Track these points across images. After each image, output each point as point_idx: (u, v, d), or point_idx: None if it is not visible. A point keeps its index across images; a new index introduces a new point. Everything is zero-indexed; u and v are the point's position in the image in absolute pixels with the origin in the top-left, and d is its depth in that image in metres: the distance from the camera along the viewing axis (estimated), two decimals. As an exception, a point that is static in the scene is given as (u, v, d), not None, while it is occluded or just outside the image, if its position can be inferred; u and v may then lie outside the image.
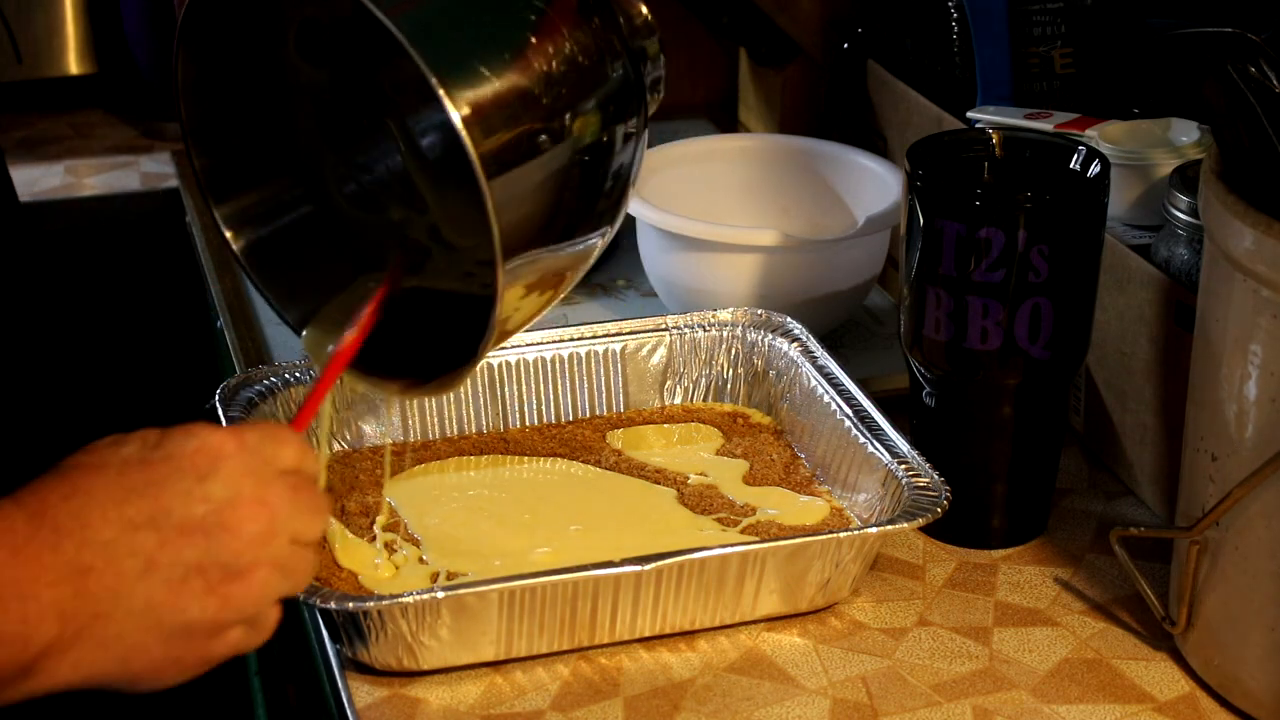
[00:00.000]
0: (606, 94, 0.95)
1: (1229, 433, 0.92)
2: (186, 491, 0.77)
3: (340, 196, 1.04)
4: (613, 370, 1.19)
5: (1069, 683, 0.99)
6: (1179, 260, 1.10)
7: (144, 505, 0.76)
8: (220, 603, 0.78)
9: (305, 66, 1.01)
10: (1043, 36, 1.35)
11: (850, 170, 1.37)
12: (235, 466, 0.79)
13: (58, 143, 1.78)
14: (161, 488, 0.77)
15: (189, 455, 0.78)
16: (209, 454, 0.78)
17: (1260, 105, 0.90)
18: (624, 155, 0.96)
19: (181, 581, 0.76)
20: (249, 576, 0.78)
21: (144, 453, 0.78)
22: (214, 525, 0.77)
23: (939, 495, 1.02)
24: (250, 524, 0.78)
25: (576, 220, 0.95)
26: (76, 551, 0.73)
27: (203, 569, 0.77)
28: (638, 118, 0.97)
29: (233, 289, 1.43)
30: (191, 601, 0.77)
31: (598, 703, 0.97)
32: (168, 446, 0.78)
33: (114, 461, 0.77)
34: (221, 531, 0.77)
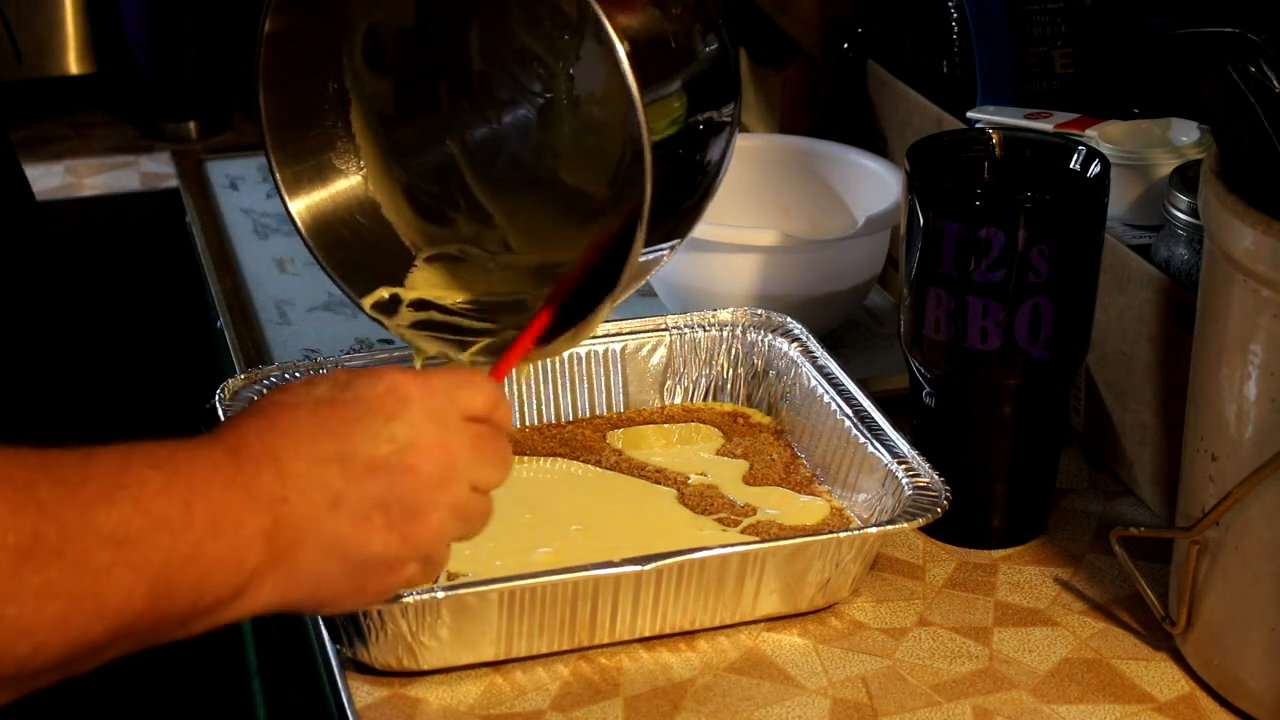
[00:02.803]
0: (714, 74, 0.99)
1: (1229, 433, 0.92)
2: (374, 432, 0.81)
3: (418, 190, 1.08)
4: (613, 370, 1.19)
5: (1069, 683, 0.99)
6: (1179, 260, 1.10)
7: (332, 443, 0.80)
8: (400, 540, 0.82)
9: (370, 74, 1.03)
10: (1043, 36, 1.35)
11: (850, 170, 1.37)
12: (420, 410, 0.83)
13: (58, 143, 1.78)
14: (350, 426, 0.81)
15: (377, 397, 0.82)
16: (396, 396, 0.83)
17: (1260, 105, 0.90)
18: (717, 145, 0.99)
19: (365, 517, 0.81)
20: (427, 517, 0.83)
21: (334, 392, 0.82)
22: (396, 465, 0.82)
23: (939, 495, 1.02)
24: (429, 466, 0.83)
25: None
26: (274, 483, 0.78)
27: (385, 506, 0.81)
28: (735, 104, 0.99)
29: (233, 289, 1.43)
30: (374, 536, 0.81)
31: (598, 703, 0.97)
32: (357, 387, 0.83)
33: (306, 401, 0.81)
34: (403, 472, 0.82)
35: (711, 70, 1.00)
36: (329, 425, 0.81)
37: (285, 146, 1.02)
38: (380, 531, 0.81)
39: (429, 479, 0.83)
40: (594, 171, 1.07)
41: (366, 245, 1.05)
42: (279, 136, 1.02)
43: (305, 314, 1.38)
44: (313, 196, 1.04)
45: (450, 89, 1.08)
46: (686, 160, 0.97)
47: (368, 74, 1.05)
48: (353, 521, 0.81)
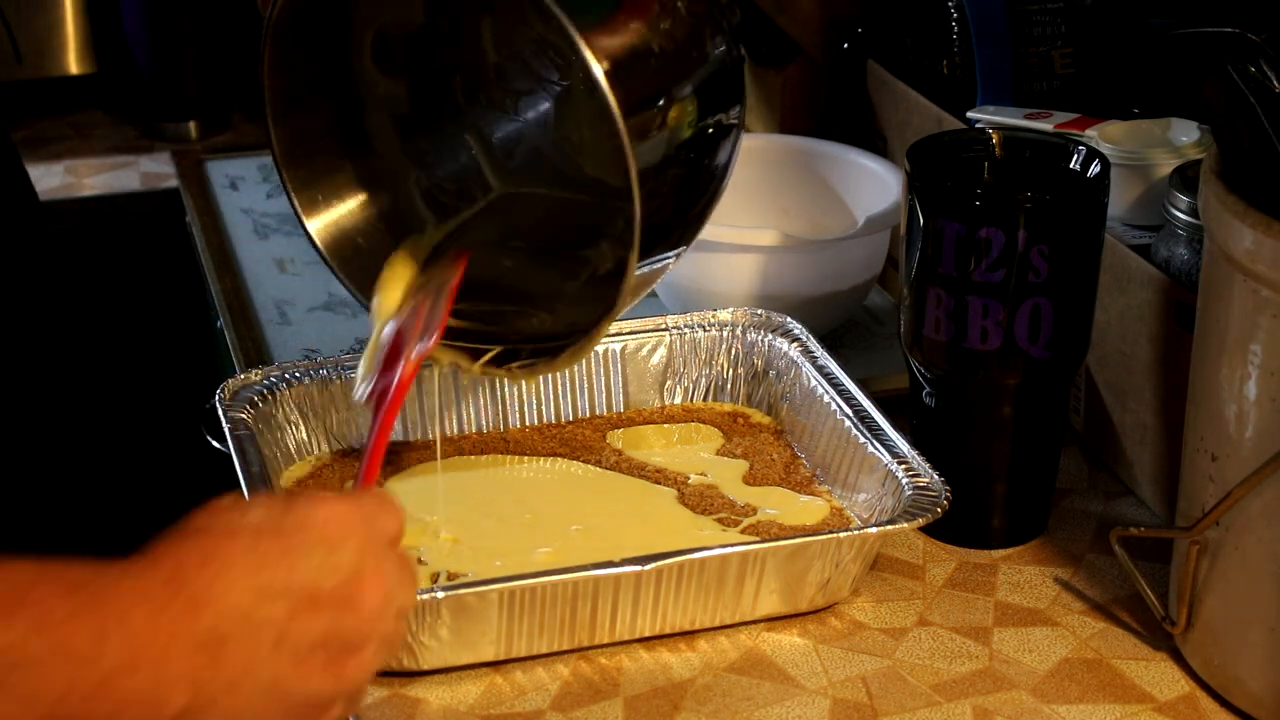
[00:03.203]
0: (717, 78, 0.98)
1: (1229, 433, 0.92)
2: (319, 563, 0.75)
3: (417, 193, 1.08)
4: (613, 370, 1.19)
5: (1069, 683, 0.99)
6: (1179, 260, 1.10)
7: (279, 574, 0.74)
8: (334, 678, 0.76)
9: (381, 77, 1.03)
10: (1043, 36, 1.35)
11: (850, 170, 1.37)
12: (360, 539, 0.77)
13: (58, 143, 1.78)
14: (296, 557, 0.75)
15: (319, 525, 0.76)
16: (339, 524, 0.77)
17: (1260, 105, 0.90)
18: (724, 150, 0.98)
19: (308, 655, 0.75)
20: (362, 651, 0.77)
21: (275, 519, 0.76)
22: (340, 599, 0.76)
23: (939, 495, 1.02)
24: (371, 598, 0.77)
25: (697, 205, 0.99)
26: (215, 622, 0.71)
27: (326, 643, 0.76)
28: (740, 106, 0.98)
29: (233, 289, 1.43)
30: (313, 675, 0.75)
31: (598, 703, 0.97)
32: (297, 515, 0.77)
33: (246, 527, 0.75)
34: (345, 606, 0.76)
35: (717, 75, 1.00)
36: (273, 555, 0.74)
37: (298, 167, 1.02)
38: (318, 671, 0.75)
39: (369, 612, 0.77)
40: (613, 162, 1.07)
41: (383, 253, 1.04)
42: (291, 156, 1.02)
43: (305, 314, 1.38)
44: (329, 214, 1.04)
45: (466, 84, 1.08)
46: (693, 166, 0.97)
47: (379, 76, 1.05)
48: (293, 661, 0.74)
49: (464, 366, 1.05)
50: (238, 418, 1.08)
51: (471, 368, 1.05)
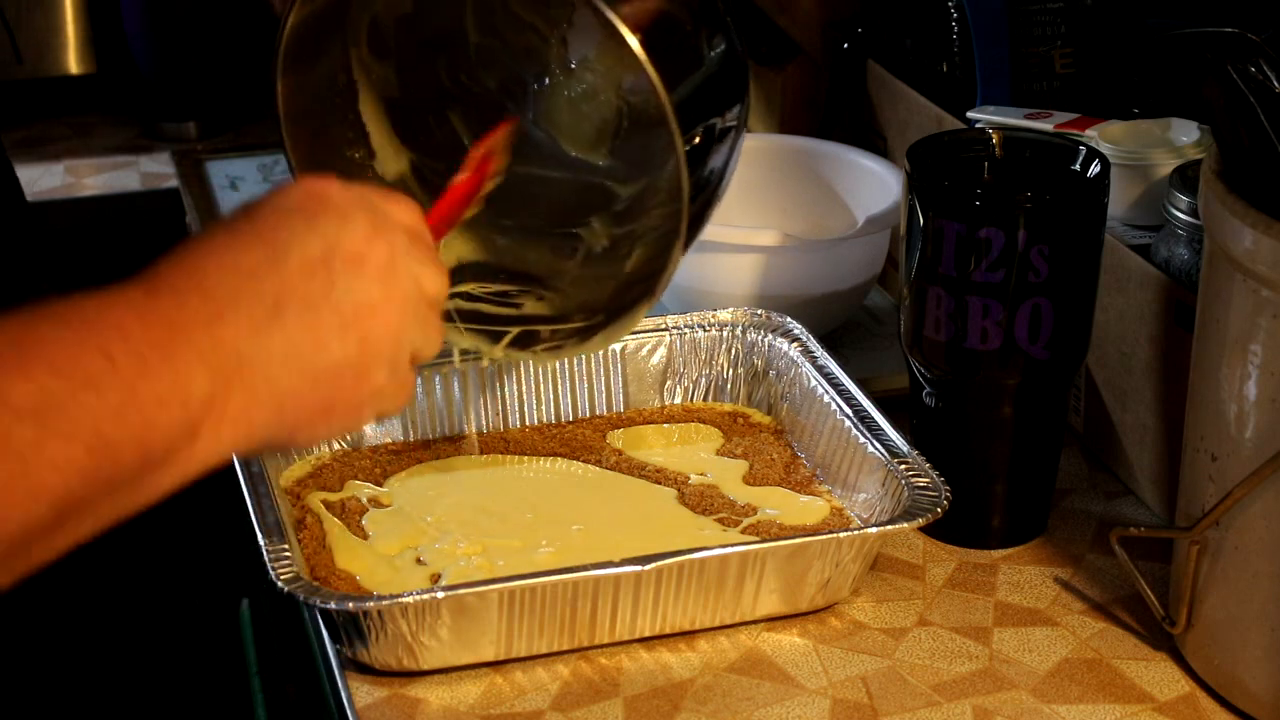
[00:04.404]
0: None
1: (1229, 433, 0.92)
2: (299, 232, 0.76)
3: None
4: (613, 370, 1.19)
5: (1069, 683, 0.99)
6: (1179, 260, 1.10)
7: (257, 252, 0.74)
8: (359, 339, 0.76)
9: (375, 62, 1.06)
10: (1043, 36, 1.35)
11: (850, 170, 1.37)
12: (344, 203, 0.78)
13: (58, 143, 1.78)
14: (274, 233, 0.75)
15: (296, 202, 0.77)
16: (316, 197, 0.77)
17: (1260, 105, 0.90)
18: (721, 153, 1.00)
19: (315, 319, 0.75)
20: (381, 311, 0.77)
21: (249, 211, 0.77)
22: (335, 259, 0.76)
23: (939, 495, 1.02)
24: (372, 255, 0.77)
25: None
26: (201, 304, 0.72)
27: (334, 304, 0.75)
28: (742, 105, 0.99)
29: (233, 289, 1.42)
30: (330, 337, 0.76)
31: (598, 703, 0.97)
32: (272, 200, 0.77)
33: (220, 227, 0.76)
34: (343, 264, 0.76)
35: (721, 74, 1.00)
36: (248, 240, 0.75)
37: (302, 145, 1.03)
38: (335, 332, 0.76)
39: (374, 269, 0.77)
40: (592, 140, 1.08)
41: None
42: (296, 135, 1.03)
43: (305, 314, 1.38)
44: None
45: (449, 64, 1.09)
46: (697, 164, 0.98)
47: (373, 60, 1.06)
48: (302, 326, 0.74)
49: (485, 349, 1.06)
50: (238, 418, 1.08)
51: (493, 350, 1.06)
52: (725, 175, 1.02)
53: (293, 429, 0.76)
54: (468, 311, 1.06)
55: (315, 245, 0.75)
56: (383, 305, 0.77)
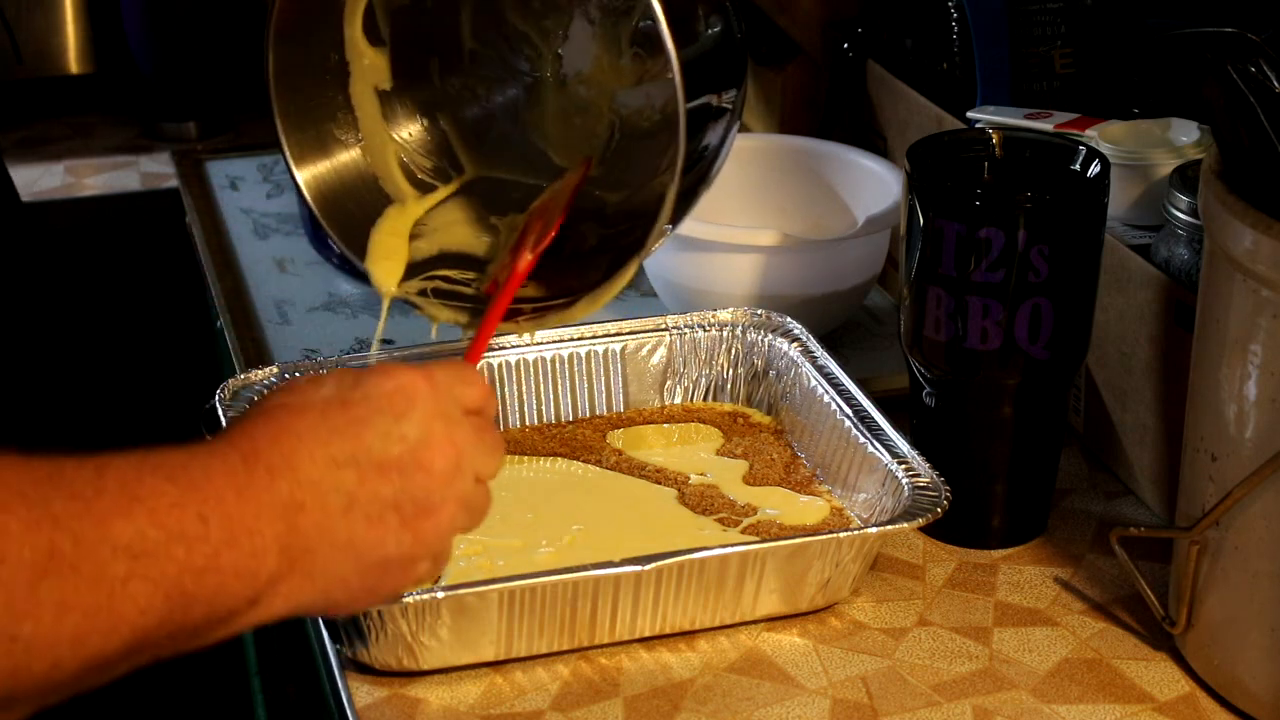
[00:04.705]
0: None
1: (1229, 433, 0.92)
2: (385, 431, 0.81)
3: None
4: (613, 370, 1.19)
5: (1069, 683, 0.99)
6: (1179, 260, 1.10)
7: (346, 444, 0.80)
8: (413, 538, 0.82)
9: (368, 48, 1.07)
10: (1043, 36, 1.35)
11: (850, 170, 1.37)
12: (428, 407, 0.83)
13: (58, 143, 1.78)
14: (362, 427, 0.81)
15: (386, 395, 0.82)
16: (405, 395, 0.82)
17: (1260, 105, 0.90)
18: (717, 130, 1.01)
19: (379, 518, 0.81)
20: (438, 512, 0.83)
21: (342, 392, 0.82)
22: (409, 464, 0.82)
23: (939, 495, 1.02)
24: (440, 462, 0.83)
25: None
26: (290, 490, 0.78)
27: (398, 505, 0.81)
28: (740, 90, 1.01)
29: (233, 289, 1.43)
30: (388, 536, 0.81)
31: (598, 703, 0.97)
32: (365, 386, 0.82)
33: (316, 402, 0.81)
34: (415, 469, 0.82)
35: (717, 54, 1.01)
36: (340, 427, 0.81)
37: (291, 116, 1.04)
38: (394, 531, 0.81)
39: (440, 475, 0.83)
40: (583, 152, 1.08)
41: (369, 215, 1.07)
42: (285, 105, 1.03)
43: (305, 314, 1.38)
44: (318, 167, 1.07)
45: (442, 66, 1.10)
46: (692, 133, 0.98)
47: (366, 47, 1.06)
48: (367, 523, 0.80)
49: (463, 323, 1.06)
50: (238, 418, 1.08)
51: (472, 324, 1.06)
52: (719, 157, 1.02)
53: (334, 605, 0.82)
54: (447, 291, 1.06)
55: (395, 447, 0.81)
56: (440, 507, 0.83)
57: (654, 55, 1.05)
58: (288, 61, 1.04)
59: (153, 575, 0.72)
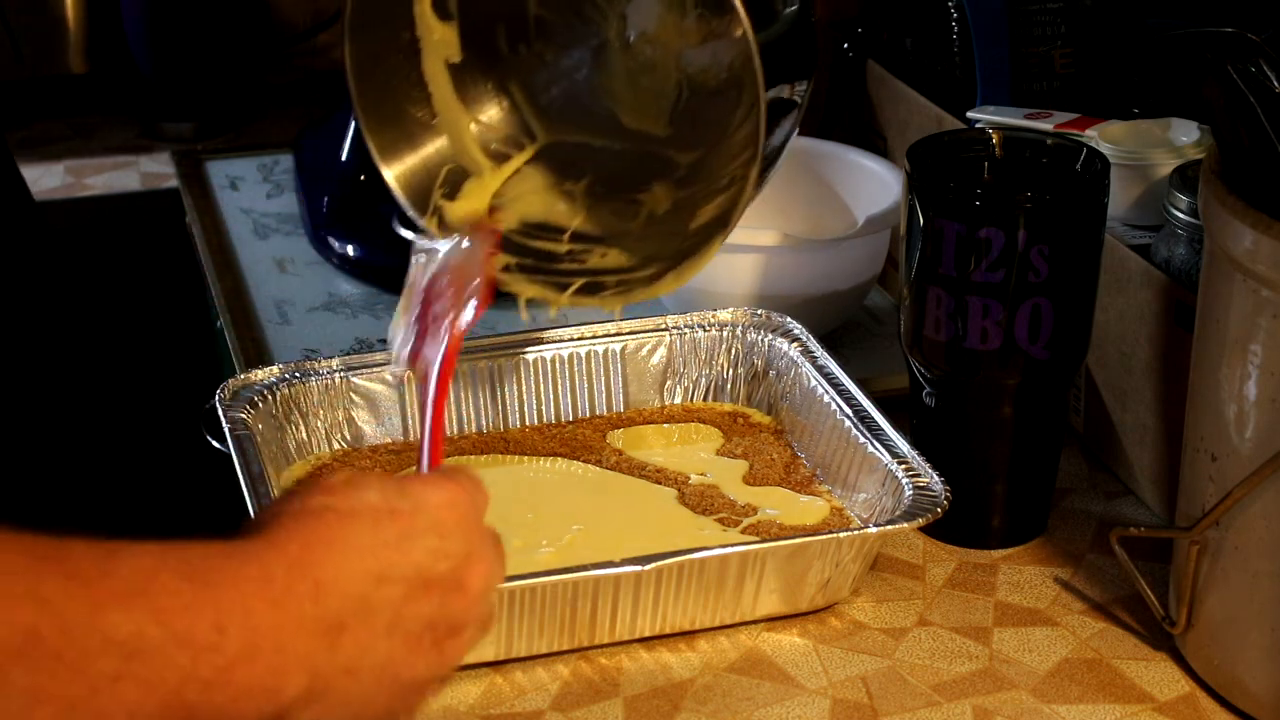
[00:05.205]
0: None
1: (1229, 433, 0.92)
2: (433, 548, 0.76)
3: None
4: (613, 370, 1.19)
5: (1069, 683, 0.99)
6: (1179, 260, 1.10)
7: (395, 558, 0.74)
8: (440, 658, 0.77)
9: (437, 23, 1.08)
10: (1043, 36, 1.35)
11: (850, 170, 1.37)
12: (468, 524, 0.78)
13: (58, 143, 1.78)
14: (412, 542, 0.75)
15: (434, 509, 0.77)
16: (450, 509, 0.77)
17: (1260, 105, 0.90)
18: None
19: (418, 638, 0.75)
20: (463, 633, 0.78)
21: (390, 501, 0.76)
22: (450, 583, 0.76)
23: (939, 495, 1.02)
24: (478, 581, 0.78)
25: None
26: (338, 605, 0.71)
27: (434, 625, 0.76)
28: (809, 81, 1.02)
29: (233, 289, 1.43)
30: (420, 658, 0.76)
31: (598, 703, 0.97)
32: (413, 498, 0.77)
33: (364, 510, 0.75)
34: (455, 589, 0.77)
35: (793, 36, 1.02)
36: (392, 541, 0.75)
37: (370, 104, 1.06)
38: (425, 653, 0.76)
39: (475, 594, 0.78)
40: (652, 112, 1.09)
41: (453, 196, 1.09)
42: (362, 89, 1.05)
43: (305, 314, 1.38)
44: (404, 160, 1.08)
45: (509, 34, 1.11)
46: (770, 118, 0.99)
47: (435, 22, 1.07)
48: (405, 644, 0.75)
49: (551, 298, 1.07)
50: (238, 418, 1.08)
51: (559, 298, 1.07)
52: (785, 147, 1.03)
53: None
54: (532, 267, 1.07)
55: (442, 565, 0.76)
56: (466, 626, 0.78)
57: (719, 14, 1.05)
58: (364, 52, 1.04)
59: (148, 679, 0.65)
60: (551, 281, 1.07)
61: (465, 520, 0.78)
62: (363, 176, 1.47)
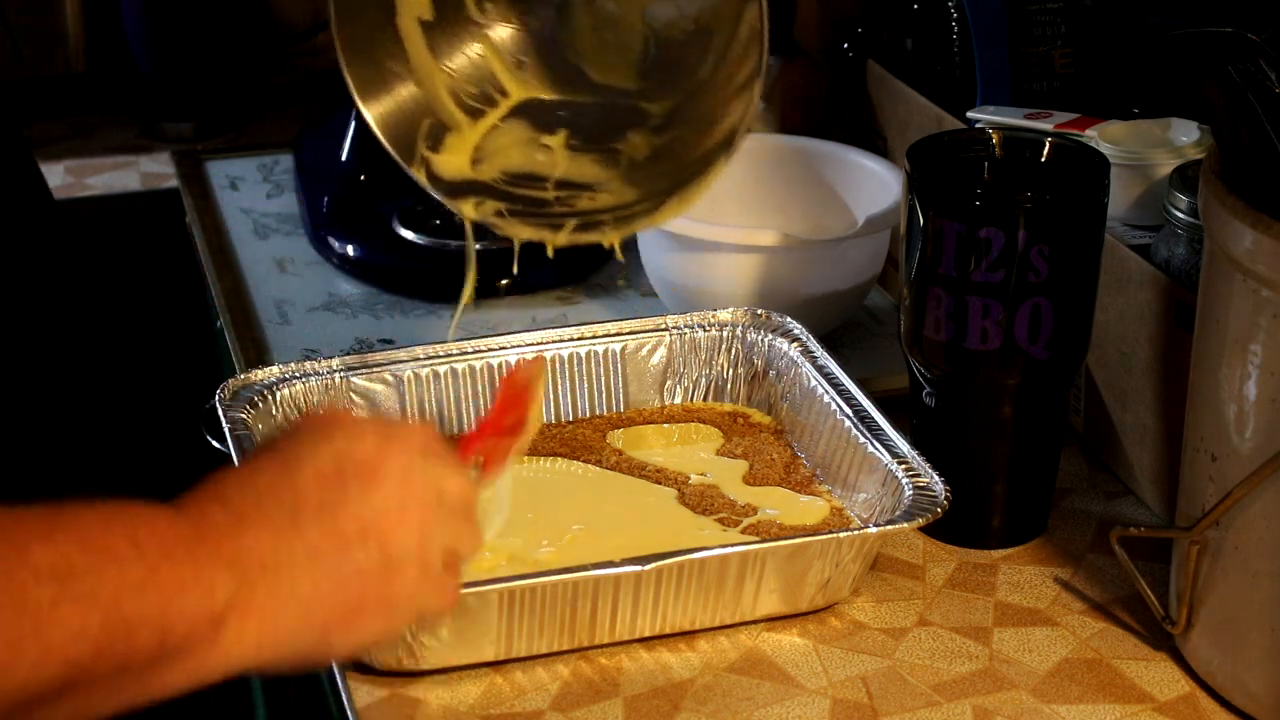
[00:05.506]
0: None
1: (1229, 433, 0.92)
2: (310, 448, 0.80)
3: None
4: (613, 370, 1.19)
5: (1069, 683, 0.99)
6: (1179, 260, 1.10)
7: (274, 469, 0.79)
8: (379, 542, 0.79)
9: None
10: (1043, 36, 1.35)
11: (850, 170, 1.37)
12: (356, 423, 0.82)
13: (58, 143, 1.78)
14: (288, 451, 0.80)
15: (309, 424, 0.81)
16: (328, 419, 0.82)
17: (1260, 105, 0.90)
18: None
19: (332, 524, 0.78)
20: (399, 517, 0.80)
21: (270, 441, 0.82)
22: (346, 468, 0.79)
23: (939, 495, 1.02)
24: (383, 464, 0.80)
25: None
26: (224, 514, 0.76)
27: (351, 511, 0.79)
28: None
29: (233, 289, 1.43)
30: (350, 541, 0.78)
31: (598, 703, 0.97)
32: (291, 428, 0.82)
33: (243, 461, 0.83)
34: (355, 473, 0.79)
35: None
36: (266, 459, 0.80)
37: (350, 51, 1.06)
38: (355, 537, 0.78)
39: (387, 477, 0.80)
40: (620, 67, 1.10)
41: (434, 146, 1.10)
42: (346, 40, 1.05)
43: (305, 314, 1.38)
44: (381, 103, 1.08)
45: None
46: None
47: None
48: (320, 531, 0.77)
49: (547, 238, 1.07)
50: (238, 418, 1.08)
51: (556, 237, 1.08)
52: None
53: (323, 631, 0.78)
54: (523, 211, 1.08)
55: (326, 458, 0.79)
56: (399, 511, 0.80)
57: None
58: (346, 8, 1.05)
59: (83, 596, 0.68)
60: (546, 223, 1.07)
61: (353, 423, 0.81)
62: (363, 176, 1.48)
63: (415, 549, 0.81)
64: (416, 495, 0.81)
